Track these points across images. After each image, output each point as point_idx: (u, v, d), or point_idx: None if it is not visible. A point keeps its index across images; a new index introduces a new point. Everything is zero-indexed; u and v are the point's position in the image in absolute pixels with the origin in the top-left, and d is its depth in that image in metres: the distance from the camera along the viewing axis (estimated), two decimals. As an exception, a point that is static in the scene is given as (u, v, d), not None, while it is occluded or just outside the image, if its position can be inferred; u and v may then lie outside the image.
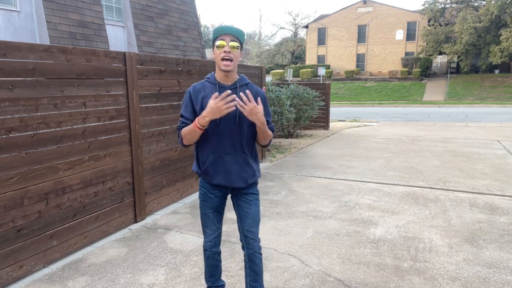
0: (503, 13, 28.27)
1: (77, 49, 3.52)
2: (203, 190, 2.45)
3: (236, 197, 2.46)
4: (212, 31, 58.45)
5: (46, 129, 3.26)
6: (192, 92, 2.32)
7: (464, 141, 9.62)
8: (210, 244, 2.51)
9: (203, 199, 2.46)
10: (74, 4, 8.68)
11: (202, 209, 2.49)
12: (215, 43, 2.21)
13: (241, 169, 2.35)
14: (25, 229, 3.14)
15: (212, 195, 2.42)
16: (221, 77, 2.29)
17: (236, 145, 2.32)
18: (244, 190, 2.42)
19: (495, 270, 3.20)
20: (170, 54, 11.51)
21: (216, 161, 2.32)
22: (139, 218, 4.36)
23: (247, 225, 2.41)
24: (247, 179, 2.38)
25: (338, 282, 3.03)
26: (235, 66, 2.24)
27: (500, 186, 5.59)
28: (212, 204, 2.44)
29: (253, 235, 2.42)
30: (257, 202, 2.46)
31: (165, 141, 4.76)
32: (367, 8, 36.87)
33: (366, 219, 4.38)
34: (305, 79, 33.29)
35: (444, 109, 21.73)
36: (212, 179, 2.36)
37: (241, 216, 2.44)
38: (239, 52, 2.23)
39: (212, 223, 2.47)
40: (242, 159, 2.34)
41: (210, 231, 2.49)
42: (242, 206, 2.43)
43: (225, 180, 2.35)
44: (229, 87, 2.29)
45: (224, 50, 2.17)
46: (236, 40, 2.19)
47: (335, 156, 7.98)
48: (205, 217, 2.48)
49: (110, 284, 3.06)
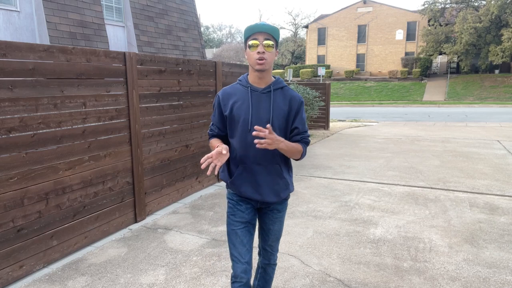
0: (503, 13, 28.27)
1: (77, 49, 3.52)
2: (231, 203, 2.20)
3: (262, 212, 2.25)
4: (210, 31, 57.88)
5: (46, 129, 3.26)
6: (222, 96, 2.14)
7: (464, 141, 9.62)
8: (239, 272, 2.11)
9: (231, 213, 2.18)
10: (74, 4, 8.68)
11: (229, 225, 2.18)
12: (247, 43, 2.01)
13: (273, 181, 2.12)
14: (25, 229, 3.14)
15: (242, 207, 2.17)
16: (255, 79, 2.09)
17: (268, 155, 2.08)
18: (272, 206, 2.20)
19: (495, 270, 3.20)
20: (170, 54, 11.52)
21: (245, 172, 2.10)
22: (139, 218, 4.36)
23: (269, 240, 2.29)
24: (279, 192, 2.15)
25: (338, 282, 3.03)
26: (270, 66, 2.04)
27: (500, 186, 5.59)
28: (241, 218, 2.16)
29: (273, 249, 2.32)
30: (282, 219, 2.27)
31: (165, 141, 4.76)
32: (367, 8, 36.87)
33: (366, 219, 4.38)
34: (305, 79, 33.29)
35: (444, 109, 21.73)
36: (241, 192, 2.14)
37: (264, 230, 2.28)
38: (274, 51, 2.02)
39: (241, 244, 2.13)
40: (274, 170, 2.12)
41: (238, 255, 2.12)
42: (267, 222, 2.24)
43: (255, 193, 2.12)
44: (262, 91, 2.08)
45: (258, 51, 1.97)
46: (270, 39, 1.99)
47: (335, 156, 7.98)
48: (233, 235, 2.15)
49: (110, 284, 3.06)
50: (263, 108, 2.06)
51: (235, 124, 2.09)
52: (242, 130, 2.06)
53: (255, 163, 2.08)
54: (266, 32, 1.98)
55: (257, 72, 2.04)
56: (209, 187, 5.76)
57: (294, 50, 47.57)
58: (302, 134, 2.13)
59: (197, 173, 5.47)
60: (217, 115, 2.16)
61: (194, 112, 5.27)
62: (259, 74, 2.05)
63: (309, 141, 2.16)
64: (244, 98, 2.08)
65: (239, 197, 2.18)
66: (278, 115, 2.07)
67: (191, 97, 5.20)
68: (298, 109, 2.11)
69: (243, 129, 2.05)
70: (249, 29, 2.00)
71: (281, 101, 2.09)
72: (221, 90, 2.17)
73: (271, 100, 2.07)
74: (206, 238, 3.91)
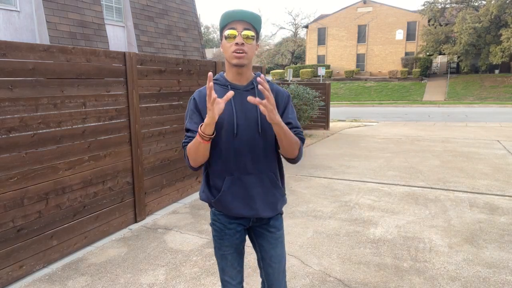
0: (503, 13, 28.26)
1: (77, 49, 3.52)
2: (217, 225, 1.87)
3: (256, 232, 1.91)
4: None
5: (46, 129, 3.26)
6: (198, 99, 1.79)
7: (464, 141, 9.62)
8: None
9: (218, 237, 1.87)
10: (74, 4, 8.68)
11: (218, 250, 1.89)
12: (223, 33, 1.70)
13: (268, 193, 1.82)
14: (25, 229, 3.14)
15: (231, 231, 1.85)
16: (233, 76, 1.77)
17: (260, 162, 1.78)
18: (267, 223, 1.88)
19: (495, 270, 3.20)
20: (170, 54, 11.52)
21: (234, 185, 1.77)
22: (139, 218, 4.36)
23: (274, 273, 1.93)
24: (276, 204, 1.85)
25: (338, 282, 3.03)
26: (250, 60, 1.73)
27: (500, 186, 5.59)
28: (231, 242, 1.86)
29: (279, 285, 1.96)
30: (282, 240, 1.94)
31: (165, 141, 4.76)
32: (367, 8, 36.86)
33: (366, 219, 4.38)
34: (305, 79, 33.28)
35: (444, 109, 21.73)
36: (231, 209, 1.80)
37: (265, 260, 1.92)
38: (254, 43, 1.71)
39: (231, 268, 1.89)
40: (268, 179, 1.81)
41: (229, 278, 1.90)
42: (265, 246, 1.90)
43: (248, 209, 1.79)
44: (244, 88, 1.78)
45: (236, 42, 1.65)
46: (250, 28, 1.68)
47: (335, 156, 7.98)
48: (223, 261, 1.89)
49: (110, 284, 3.06)
50: (248, 107, 1.75)
51: (217, 131, 1.70)
52: (226, 135, 1.73)
53: (245, 173, 1.76)
54: (246, 21, 1.67)
55: (236, 68, 1.72)
56: (209, 187, 5.76)
57: (294, 50, 47.57)
58: (296, 129, 1.80)
59: (197, 173, 5.47)
60: (197, 121, 1.76)
61: (194, 112, 5.26)
62: (238, 69, 1.73)
63: (304, 139, 1.84)
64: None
65: (226, 217, 1.84)
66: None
67: (191, 97, 5.19)
68: (286, 103, 1.83)
69: (228, 134, 1.73)
70: (225, 16, 1.69)
71: None
72: (196, 92, 1.83)
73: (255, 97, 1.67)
74: (206, 238, 3.91)
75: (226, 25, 1.69)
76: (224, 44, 1.71)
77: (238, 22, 1.67)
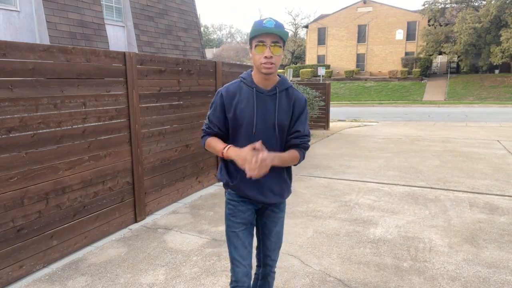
0: (503, 13, 28.25)
1: (77, 49, 3.52)
2: (231, 204, 2.10)
3: (262, 212, 2.17)
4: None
5: (46, 129, 3.26)
6: (225, 94, 2.01)
7: (464, 141, 9.62)
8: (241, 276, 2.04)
9: (231, 214, 2.09)
10: (74, 4, 8.68)
11: (229, 228, 2.10)
12: (253, 42, 1.89)
13: (277, 184, 2.08)
14: (25, 229, 3.14)
15: (244, 207, 2.09)
16: (260, 80, 1.98)
17: None
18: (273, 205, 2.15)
19: (495, 270, 3.20)
20: (170, 54, 11.51)
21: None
22: (139, 218, 4.36)
23: (271, 245, 2.19)
24: (283, 193, 2.12)
25: (338, 282, 3.03)
26: (277, 68, 1.93)
27: (500, 186, 5.59)
28: (243, 220, 2.08)
29: (274, 257, 2.23)
30: (283, 221, 2.21)
31: (165, 141, 4.76)
32: (367, 8, 36.86)
33: (366, 219, 4.38)
34: (305, 79, 33.27)
35: (444, 109, 21.73)
36: (246, 194, 2.06)
37: (265, 234, 2.19)
38: (281, 53, 1.90)
39: (242, 246, 2.06)
40: (277, 174, 2.06)
41: (239, 258, 2.05)
42: (267, 223, 2.16)
43: (260, 195, 2.05)
44: (267, 93, 1.99)
45: (265, 55, 1.86)
46: (278, 41, 1.87)
47: (335, 156, 7.98)
48: (234, 238, 2.07)
49: (110, 284, 3.06)
50: (268, 111, 1.98)
51: (238, 127, 1.99)
52: (245, 133, 1.98)
53: None
54: (275, 34, 1.85)
55: (264, 74, 1.95)
56: (209, 187, 5.76)
57: (294, 50, 47.56)
58: (302, 138, 2.05)
59: (197, 173, 5.47)
60: (219, 115, 2.03)
61: (194, 112, 5.27)
62: (266, 76, 1.95)
63: (308, 146, 2.08)
64: (249, 99, 1.98)
65: (240, 197, 2.09)
66: (282, 118, 2.01)
67: (191, 97, 5.20)
68: (301, 111, 2.05)
69: (247, 133, 1.97)
70: (256, 28, 1.86)
71: (285, 103, 2.02)
72: (224, 88, 2.03)
73: (276, 102, 1.99)
74: (206, 238, 3.91)
75: (256, 36, 1.87)
76: (254, 53, 1.91)
77: (267, 35, 1.85)
